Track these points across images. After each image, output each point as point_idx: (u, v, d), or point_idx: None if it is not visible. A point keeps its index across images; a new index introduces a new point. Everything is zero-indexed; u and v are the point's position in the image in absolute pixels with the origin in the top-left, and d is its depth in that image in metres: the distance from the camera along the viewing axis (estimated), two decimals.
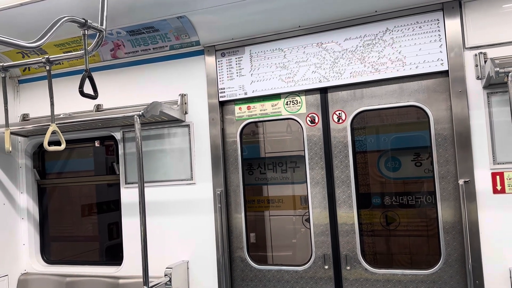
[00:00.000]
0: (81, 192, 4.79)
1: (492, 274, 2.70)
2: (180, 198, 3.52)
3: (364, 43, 3.07)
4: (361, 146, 3.55)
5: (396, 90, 3.05)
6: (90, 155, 4.53)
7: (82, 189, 4.72)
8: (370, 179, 3.60)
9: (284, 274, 3.28)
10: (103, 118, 3.32)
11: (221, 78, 3.46)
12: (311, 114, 3.27)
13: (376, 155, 3.64)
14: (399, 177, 3.58)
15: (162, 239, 3.54)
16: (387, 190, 3.63)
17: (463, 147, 2.79)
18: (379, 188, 3.65)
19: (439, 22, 2.88)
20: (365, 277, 3.06)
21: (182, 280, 3.37)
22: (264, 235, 4.03)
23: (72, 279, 3.81)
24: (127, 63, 3.73)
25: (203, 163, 3.46)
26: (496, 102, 2.73)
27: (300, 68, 3.23)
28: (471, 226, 2.73)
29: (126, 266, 3.65)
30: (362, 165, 3.54)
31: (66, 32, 3.33)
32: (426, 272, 2.92)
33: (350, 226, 3.12)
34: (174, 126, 3.56)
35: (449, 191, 2.88)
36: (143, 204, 2.95)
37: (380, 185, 3.66)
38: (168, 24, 3.32)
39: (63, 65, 3.90)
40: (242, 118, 3.46)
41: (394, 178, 3.61)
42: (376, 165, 3.61)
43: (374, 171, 3.62)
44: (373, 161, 3.62)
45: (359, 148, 3.48)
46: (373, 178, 3.62)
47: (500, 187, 2.71)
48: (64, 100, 3.63)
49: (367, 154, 3.62)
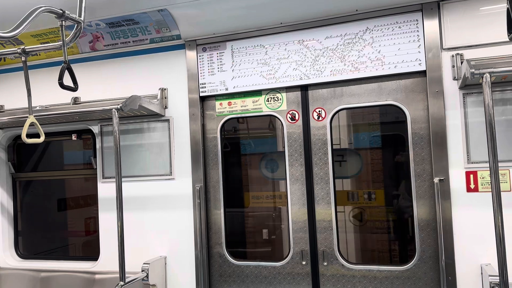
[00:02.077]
0: (58, 186, 4.72)
1: (464, 271, 2.76)
2: (159, 193, 3.49)
3: (345, 42, 3.09)
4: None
5: (375, 89, 3.08)
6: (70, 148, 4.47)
7: (59, 183, 4.65)
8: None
9: (262, 269, 3.30)
10: (80, 111, 3.26)
11: (202, 73, 3.44)
12: (292, 111, 3.28)
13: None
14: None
15: (140, 234, 3.51)
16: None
17: (438, 146, 2.85)
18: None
19: (418, 23, 2.93)
20: (341, 273, 3.10)
21: (160, 275, 3.36)
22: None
23: (46, 274, 3.74)
24: (106, 55, 3.67)
25: (183, 159, 3.44)
26: (471, 103, 2.79)
27: (281, 65, 3.24)
28: (445, 224, 2.79)
29: (103, 262, 3.60)
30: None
31: (43, 22, 3.26)
32: (401, 268, 2.98)
33: (328, 222, 3.15)
34: (153, 121, 3.52)
35: (424, 189, 2.94)
36: (120, 199, 2.91)
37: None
38: (148, 17, 3.28)
39: (40, 56, 3.81)
40: (223, 114, 3.45)
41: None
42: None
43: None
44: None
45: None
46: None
47: (473, 185, 2.78)
48: (41, 92, 3.56)
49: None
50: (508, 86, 2.70)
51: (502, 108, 2.71)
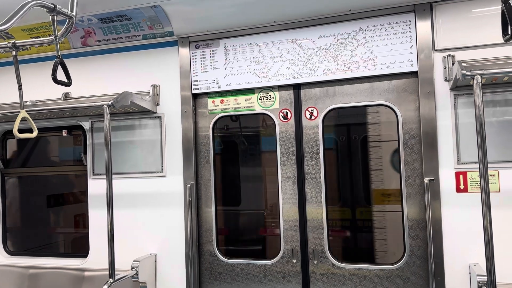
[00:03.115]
0: (47, 182, 4.67)
1: (452, 270, 2.79)
2: (150, 190, 3.47)
3: (338, 42, 3.10)
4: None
5: (367, 89, 3.09)
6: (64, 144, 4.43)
7: (48, 179, 4.61)
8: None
9: (253, 268, 3.30)
10: (71, 107, 3.23)
11: (195, 70, 3.42)
12: (284, 110, 3.29)
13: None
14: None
15: (130, 232, 3.49)
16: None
17: (429, 146, 2.87)
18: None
19: (411, 24, 2.94)
20: (331, 271, 3.12)
21: (150, 273, 3.34)
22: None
23: (35, 271, 3.71)
24: (98, 51, 3.63)
25: (174, 156, 3.42)
26: (462, 104, 2.82)
27: (274, 63, 3.24)
28: (434, 224, 2.82)
29: (92, 259, 3.58)
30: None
31: (34, 17, 3.22)
32: (391, 267, 3.00)
33: (318, 221, 3.16)
34: (145, 118, 3.50)
35: (414, 189, 2.96)
36: (110, 195, 2.89)
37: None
38: (141, 13, 3.26)
39: (31, 50, 3.76)
40: (215, 112, 3.44)
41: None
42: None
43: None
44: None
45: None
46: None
47: (463, 186, 2.81)
48: (31, 87, 3.51)
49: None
50: (498, 88, 2.73)
51: (492, 109, 2.74)
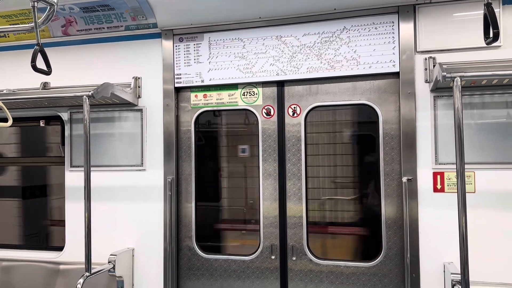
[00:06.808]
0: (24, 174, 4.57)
1: (428, 268, 2.84)
2: (129, 184, 3.43)
3: (322, 40, 3.12)
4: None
5: (350, 88, 3.12)
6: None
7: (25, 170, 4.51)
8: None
9: (231, 263, 3.30)
10: (49, 97, 3.16)
11: (178, 63, 3.39)
12: (267, 106, 3.29)
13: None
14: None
15: (108, 225, 3.44)
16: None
17: (408, 146, 2.91)
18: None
19: (394, 25, 2.98)
20: (309, 268, 3.14)
21: (127, 267, 3.30)
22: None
23: (8, 263, 3.62)
24: (79, 41, 3.56)
25: (155, 150, 3.39)
26: (442, 106, 2.87)
27: (258, 59, 3.23)
28: (411, 222, 2.86)
29: (68, 252, 3.51)
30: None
31: (14, 3, 3.15)
32: (367, 264, 3.04)
33: (298, 218, 3.18)
34: (125, 110, 3.45)
35: (392, 188, 3.00)
36: (88, 188, 2.84)
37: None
38: (124, 3, 3.20)
39: (9, 38, 3.66)
40: (198, 106, 3.41)
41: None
42: None
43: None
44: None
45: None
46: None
47: (440, 186, 2.86)
48: (9, 75, 3.42)
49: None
50: (477, 91, 2.78)
51: (470, 111, 2.80)
